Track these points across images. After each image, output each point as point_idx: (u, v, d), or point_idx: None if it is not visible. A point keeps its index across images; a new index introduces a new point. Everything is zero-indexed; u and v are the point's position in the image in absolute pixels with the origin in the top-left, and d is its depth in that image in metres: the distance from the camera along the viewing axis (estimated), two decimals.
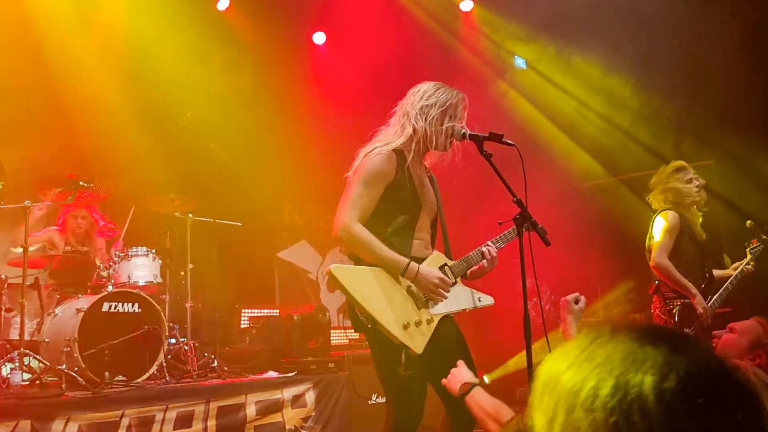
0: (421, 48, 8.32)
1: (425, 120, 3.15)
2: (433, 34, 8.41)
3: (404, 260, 3.03)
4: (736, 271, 4.80)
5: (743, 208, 6.10)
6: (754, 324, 2.93)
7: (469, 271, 3.31)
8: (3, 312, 5.29)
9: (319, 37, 9.04)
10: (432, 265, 3.17)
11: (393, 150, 3.14)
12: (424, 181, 3.28)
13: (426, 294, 3.06)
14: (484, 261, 3.25)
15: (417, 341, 2.95)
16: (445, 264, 3.22)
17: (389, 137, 3.21)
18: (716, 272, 4.85)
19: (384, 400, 3.32)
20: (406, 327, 2.94)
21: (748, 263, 4.83)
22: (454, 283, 3.20)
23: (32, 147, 6.38)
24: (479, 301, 3.27)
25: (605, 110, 7.88)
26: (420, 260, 3.15)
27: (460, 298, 3.20)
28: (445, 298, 3.10)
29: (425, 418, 3.10)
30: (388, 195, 3.12)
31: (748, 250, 4.87)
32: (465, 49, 8.58)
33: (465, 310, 3.22)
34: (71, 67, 6.98)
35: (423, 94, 3.21)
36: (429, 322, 3.04)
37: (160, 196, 6.35)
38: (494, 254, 3.26)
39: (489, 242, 3.29)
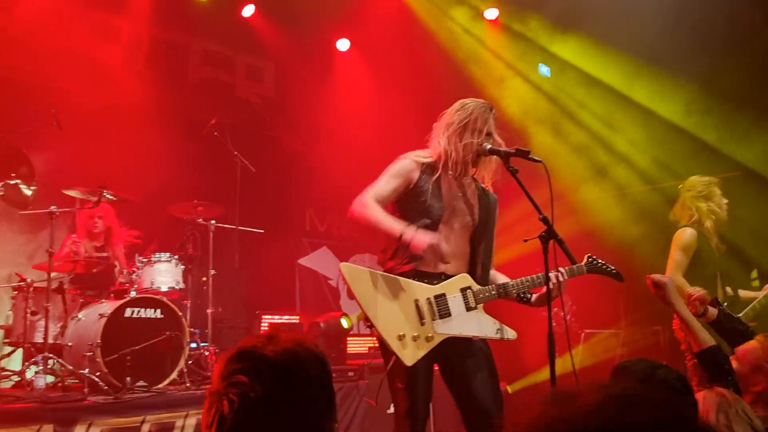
0: (446, 57, 8.29)
1: (446, 136, 3.23)
2: (457, 43, 8.39)
3: (402, 224, 3.07)
4: (766, 291, 4.67)
5: None
6: (753, 347, 2.84)
7: (534, 297, 3.28)
8: (28, 315, 5.35)
9: (343, 44, 9.06)
10: (454, 286, 3.15)
11: (422, 162, 3.23)
12: (460, 195, 3.27)
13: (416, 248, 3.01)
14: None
15: (409, 353, 2.95)
16: (469, 287, 3.18)
17: (422, 152, 3.30)
18: (743, 292, 4.75)
19: None
20: (401, 338, 2.95)
21: None
22: (474, 308, 3.16)
23: (58, 152, 6.47)
24: (497, 332, 3.19)
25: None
26: (428, 274, 3.14)
27: (471, 324, 3.14)
28: (432, 244, 3.04)
29: (447, 428, 3.09)
30: (407, 198, 3.20)
31: None
32: (491, 57, 8.54)
33: (476, 337, 3.14)
34: (98, 72, 7.08)
35: (451, 110, 3.29)
36: (429, 339, 3.01)
37: (184, 203, 6.40)
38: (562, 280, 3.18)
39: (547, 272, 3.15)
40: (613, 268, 3.39)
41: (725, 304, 4.60)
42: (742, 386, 2.78)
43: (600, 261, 3.39)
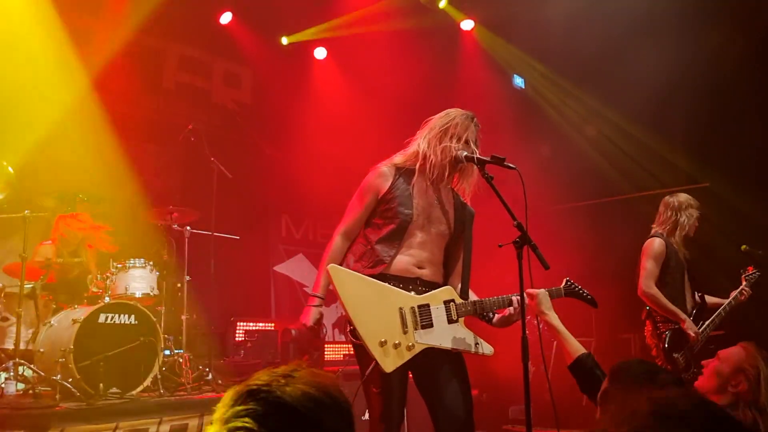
0: (421, 66, 8.37)
1: (426, 140, 3.27)
2: (432, 52, 8.48)
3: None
4: (731, 298, 4.80)
5: (738, 232, 6.13)
6: (738, 350, 2.93)
7: (496, 318, 3.30)
8: None
9: (320, 52, 9.11)
10: (438, 297, 3.16)
11: (396, 165, 3.27)
12: (436, 202, 3.29)
13: None
14: (511, 309, 3.24)
15: (389, 360, 2.94)
16: (452, 300, 3.19)
17: (398, 156, 3.34)
18: (709, 298, 4.87)
19: None
20: (382, 344, 2.94)
21: (743, 290, 4.83)
22: (455, 321, 3.17)
23: (33, 156, 6.39)
24: (476, 346, 3.20)
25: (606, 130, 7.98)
26: (401, 278, 3.15)
27: (452, 337, 3.14)
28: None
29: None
30: (379, 205, 3.24)
31: (743, 276, 4.88)
32: (465, 67, 8.66)
33: (455, 350, 3.14)
34: (71, 75, 7.01)
35: (435, 117, 3.34)
36: (409, 348, 3.00)
37: (159, 208, 6.36)
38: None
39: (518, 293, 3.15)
40: (588, 293, 3.45)
41: (694, 311, 4.75)
42: (721, 386, 2.85)
43: (577, 286, 3.44)
